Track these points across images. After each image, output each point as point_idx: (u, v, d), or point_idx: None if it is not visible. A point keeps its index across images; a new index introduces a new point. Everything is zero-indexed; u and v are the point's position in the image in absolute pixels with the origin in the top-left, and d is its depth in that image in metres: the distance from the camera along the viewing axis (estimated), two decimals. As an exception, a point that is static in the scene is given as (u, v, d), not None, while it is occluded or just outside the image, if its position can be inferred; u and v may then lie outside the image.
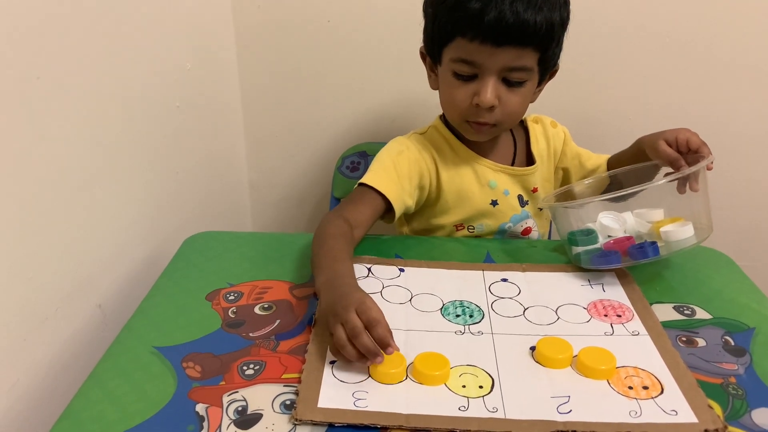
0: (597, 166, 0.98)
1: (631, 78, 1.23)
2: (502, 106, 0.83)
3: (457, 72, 0.82)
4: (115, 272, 0.90)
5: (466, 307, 0.73)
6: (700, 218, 0.78)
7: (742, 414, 0.58)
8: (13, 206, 0.68)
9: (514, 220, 0.95)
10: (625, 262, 0.76)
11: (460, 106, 0.84)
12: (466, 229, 0.94)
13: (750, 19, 1.16)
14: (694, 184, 0.76)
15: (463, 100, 0.83)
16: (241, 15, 1.21)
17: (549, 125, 0.99)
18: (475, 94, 0.82)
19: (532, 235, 0.97)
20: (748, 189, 1.30)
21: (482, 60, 0.79)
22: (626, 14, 1.17)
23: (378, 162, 0.89)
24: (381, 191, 0.85)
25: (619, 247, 0.76)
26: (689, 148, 0.81)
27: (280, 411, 0.57)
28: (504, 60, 0.79)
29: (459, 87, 0.83)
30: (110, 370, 0.63)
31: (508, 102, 0.83)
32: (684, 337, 0.69)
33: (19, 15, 0.67)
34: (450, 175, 0.92)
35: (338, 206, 0.86)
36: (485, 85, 0.80)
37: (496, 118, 0.84)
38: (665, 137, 0.82)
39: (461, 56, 0.81)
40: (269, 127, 1.33)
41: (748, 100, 1.23)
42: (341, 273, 0.70)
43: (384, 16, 1.19)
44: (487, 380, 0.61)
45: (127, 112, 0.90)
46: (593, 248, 0.79)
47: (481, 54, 0.79)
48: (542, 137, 0.98)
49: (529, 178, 0.95)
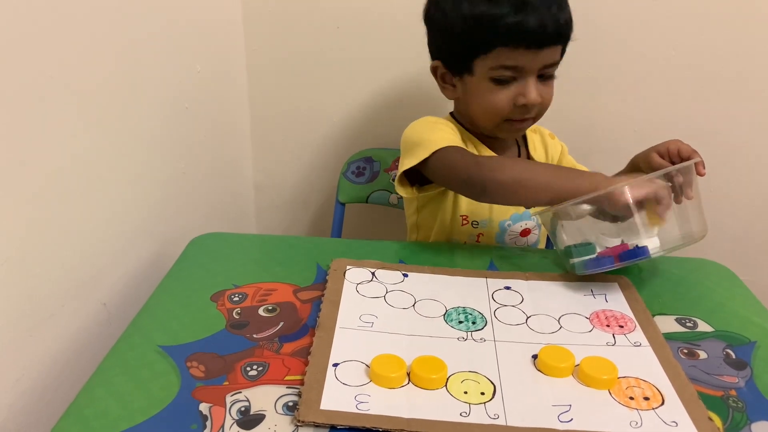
0: None
1: (636, 88, 1.23)
2: (542, 100, 0.87)
3: (497, 78, 0.86)
4: (121, 271, 0.91)
5: (468, 314, 0.73)
6: (692, 221, 0.79)
7: (742, 427, 0.58)
8: (20, 203, 0.69)
9: (514, 218, 0.96)
10: (618, 264, 0.76)
11: (503, 109, 0.87)
12: (470, 225, 0.96)
13: (752, 30, 1.16)
14: (689, 192, 0.78)
15: (506, 103, 0.87)
16: (251, 19, 1.23)
17: (547, 136, 1.03)
18: (519, 95, 0.85)
19: (530, 237, 0.97)
20: (751, 202, 1.30)
21: (525, 63, 0.84)
22: (631, 24, 1.18)
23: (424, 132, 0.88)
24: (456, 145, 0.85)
25: (612, 252, 0.77)
26: (680, 157, 0.83)
27: (283, 412, 0.57)
28: (544, 59, 0.84)
29: (499, 91, 0.86)
30: (115, 368, 0.63)
31: (546, 95, 0.88)
32: (685, 349, 0.69)
33: (34, 17, 0.68)
34: None
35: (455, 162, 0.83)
36: (529, 85, 0.85)
37: (537, 112, 0.89)
38: (657, 150, 0.85)
39: (504, 63, 0.84)
40: (276, 131, 1.34)
41: (751, 111, 1.23)
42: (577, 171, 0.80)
43: (393, 22, 1.20)
44: (488, 387, 0.61)
45: (137, 112, 0.91)
46: (589, 258, 0.79)
47: (525, 58, 0.83)
48: (540, 146, 1.01)
49: None
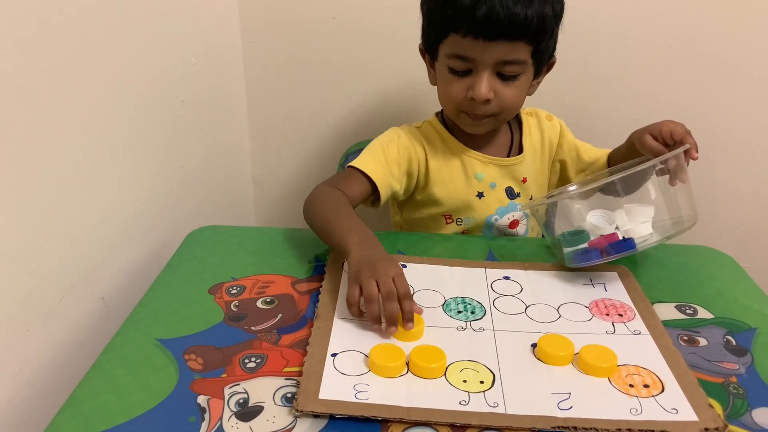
0: (594, 160, 0.99)
1: (636, 78, 1.22)
2: (498, 100, 0.84)
3: (452, 67, 0.84)
4: (119, 264, 0.90)
5: (468, 304, 0.73)
6: (684, 209, 0.78)
7: (743, 413, 0.58)
8: (17, 197, 0.69)
9: (500, 212, 0.95)
10: (606, 258, 0.76)
11: (456, 100, 0.86)
12: (455, 222, 0.95)
13: (753, 20, 1.16)
14: (683, 176, 0.77)
15: (458, 94, 0.85)
16: (247, 11, 1.22)
17: (544, 118, 1.00)
18: (470, 88, 0.83)
19: (519, 228, 0.97)
20: (751, 189, 1.30)
21: (475, 55, 0.81)
22: (631, 13, 1.17)
23: (368, 149, 0.92)
24: (368, 174, 0.87)
25: (600, 244, 0.76)
26: (674, 139, 0.81)
27: (281, 404, 0.57)
28: (497, 54, 0.80)
29: (454, 82, 0.85)
30: (113, 361, 0.63)
31: (504, 95, 0.84)
32: (685, 336, 0.69)
33: (27, 8, 0.67)
34: (438, 165, 0.93)
35: (328, 181, 0.88)
36: (479, 79, 0.82)
37: (492, 110, 0.86)
38: (650, 131, 0.83)
39: (455, 52, 0.82)
40: (273, 123, 1.33)
41: (752, 101, 1.22)
42: (375, 239, 0.74)
43: (389, 12, 1.19)
44: (488, 376, 0.61)
45: (133, 105, 0.90)
46: (580, 247, 0.78)
47: (474, 49, 0.80)
48: (536, 129, 0.99)
49: (517, 168, 0.96)
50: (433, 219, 0.96)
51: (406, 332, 0.65)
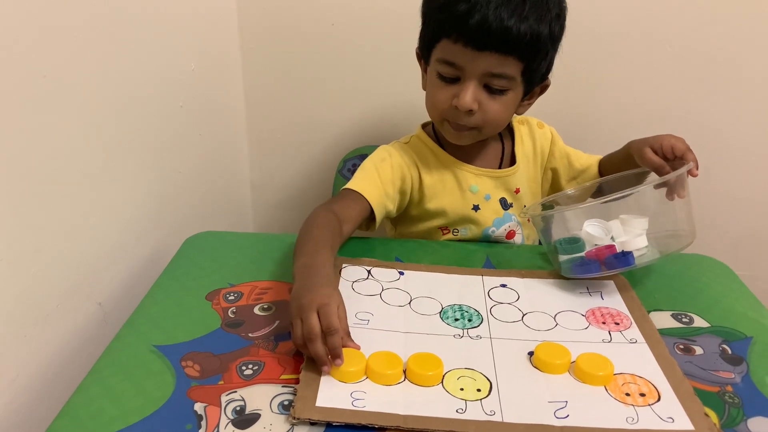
0: (586, 167, 0.99)
1: (632, 84, 1.23)
2: (482, 112, 0.84)
3: (441, 73, 0.84)
4: (116, 270, 0.90)
5: (465, 311, 0.73)
6: (682, 225, 0.79)
7: (739, 422, 0.58)
8: (15, 202, 0.69)
9: (496, 224, 0.95)
10: (604, 271, 0.76)
11: (440, 107, 0.85)
12: (451, 233, 0.95)
13: (749, 27, 1.16)
14: (681, 191, 0.77)
15: (443, 101, 0.84)
16: (246, 17, 1.22)
17: (535, 126, 1.00)
18: (455, 96, 0.83)
19: (516, 238, 0.97)
20: (746, 197, 1.31)
21: (464, 63, 0.80)
22: (628, 20, 1.18)
23: (362, 169, 0.91)
24: (364, 196, 0.86)
25: (598, 255, 0.76)
26: (674, 154, 0.81)
27: (278, 411, 0.57)
28: (485, 65, 0.80)
29: (441, 88, 0.84)
30: (110, 368, 0.63)
31: (488, 108, 0.83)
32: (681, 344, 0.69)
33: (27, 14, 0.67)
34: (432, 180, 0.93)
35: (327, 202, 0.87)
36: (465, 88, 0.81)
37: (475, 122, 0.85)
38: (651, 144, 0.83)
39: (445, 57, 0.82)
40: (272, 129, 1.33)
41: (748, 108, 1.23)
42: (319, 262, 0.71)
43: (387, 20, 1.19)
44: (485, 384, 0.61)
45: (131, 110, 0.91)
46: (577, 257, 0.78)
47: (464, 57, 0.80)
48: (528, 138, 0.99)
49: (510, 179, 0.95)
50: (430, 233, 0.96)
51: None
